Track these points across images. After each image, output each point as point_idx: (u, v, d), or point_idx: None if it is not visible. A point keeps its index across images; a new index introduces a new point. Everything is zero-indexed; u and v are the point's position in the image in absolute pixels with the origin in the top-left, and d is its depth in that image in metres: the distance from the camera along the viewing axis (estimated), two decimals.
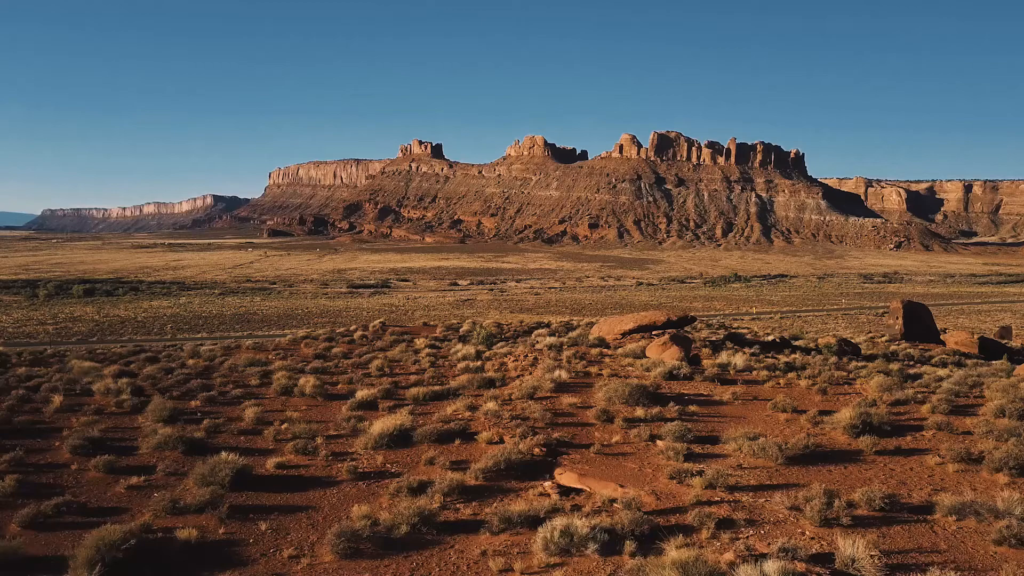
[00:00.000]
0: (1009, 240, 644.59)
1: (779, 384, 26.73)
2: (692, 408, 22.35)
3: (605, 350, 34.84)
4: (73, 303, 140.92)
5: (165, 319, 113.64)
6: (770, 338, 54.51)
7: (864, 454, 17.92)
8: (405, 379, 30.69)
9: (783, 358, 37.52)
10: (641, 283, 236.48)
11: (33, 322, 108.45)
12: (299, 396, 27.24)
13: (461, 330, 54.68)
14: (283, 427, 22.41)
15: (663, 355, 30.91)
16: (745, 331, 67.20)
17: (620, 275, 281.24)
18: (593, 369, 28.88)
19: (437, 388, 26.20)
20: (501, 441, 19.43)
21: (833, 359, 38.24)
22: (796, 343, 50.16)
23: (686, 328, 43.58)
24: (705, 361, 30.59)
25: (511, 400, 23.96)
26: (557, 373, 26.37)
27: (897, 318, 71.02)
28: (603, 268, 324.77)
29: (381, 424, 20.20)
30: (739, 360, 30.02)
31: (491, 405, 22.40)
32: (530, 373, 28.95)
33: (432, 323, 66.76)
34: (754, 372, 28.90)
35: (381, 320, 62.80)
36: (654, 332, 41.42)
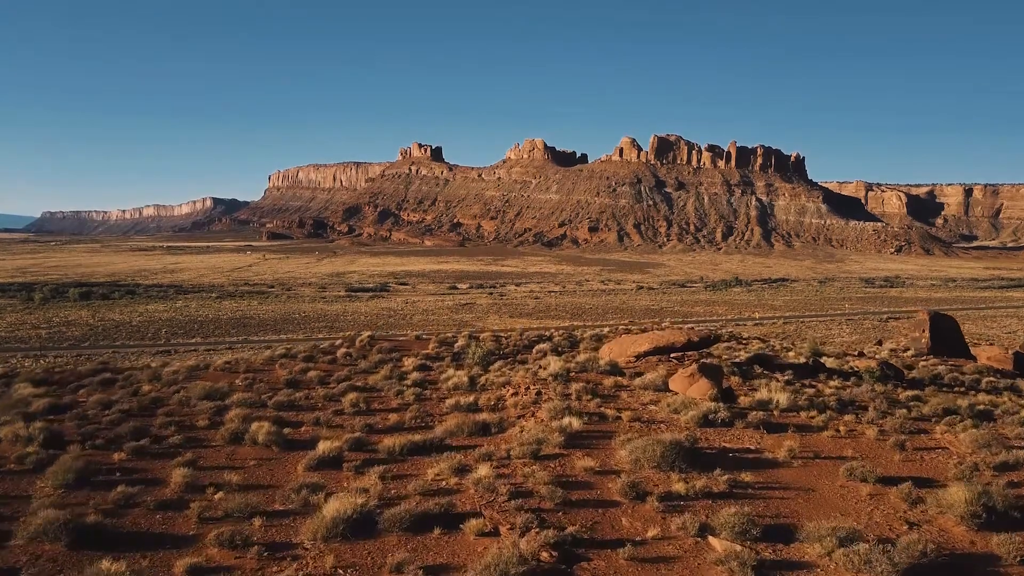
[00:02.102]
0: (1010, 244, 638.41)
1: (839, 431, 21.75)
2: (744, 476, 17.25)
3: (620, 379, 29.88)
4: (69, 307, 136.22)
5: (160, 323, 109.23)
6: (793, 355, 49.59)
7: (1004, 563, 12.90)
8: (383, 418, 25.70)
9: (823, 387, 32.65)
10: (642, 287, 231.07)
11: (27, 326, 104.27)
12: (250, 444, 22.22)
13: (456, 346, 49.79)
14: (216, 497, 17.42)
15: (691, 390, 25.94)
16: (759, 342, 62.29)
17: (620, 279, 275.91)
18: (609, 410, 23.84)
19: (418, 438, 21.13)
20: (496, 532, 14.39)
21: (879, 387, 33.42)
22: (825, 362, 45.20)
23: (709, 350, 38.63)
24: (742, 398, 25.61)
25: (509, 459, 18.92)
26: (567, 421, 21.31)
27: (923, 330, 66.19)
28: (603, 271, 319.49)
29: (337, 504, 15.18)
30: (782, 397, 25.06)
31: (484, 471, 17.34)
32: (532, 414, 23.97)
33: (425, 336, 61.72)
34: (802, 413, 23.92)
35: (370, 334, 57.66)
36: (672, 355, 36.54)
